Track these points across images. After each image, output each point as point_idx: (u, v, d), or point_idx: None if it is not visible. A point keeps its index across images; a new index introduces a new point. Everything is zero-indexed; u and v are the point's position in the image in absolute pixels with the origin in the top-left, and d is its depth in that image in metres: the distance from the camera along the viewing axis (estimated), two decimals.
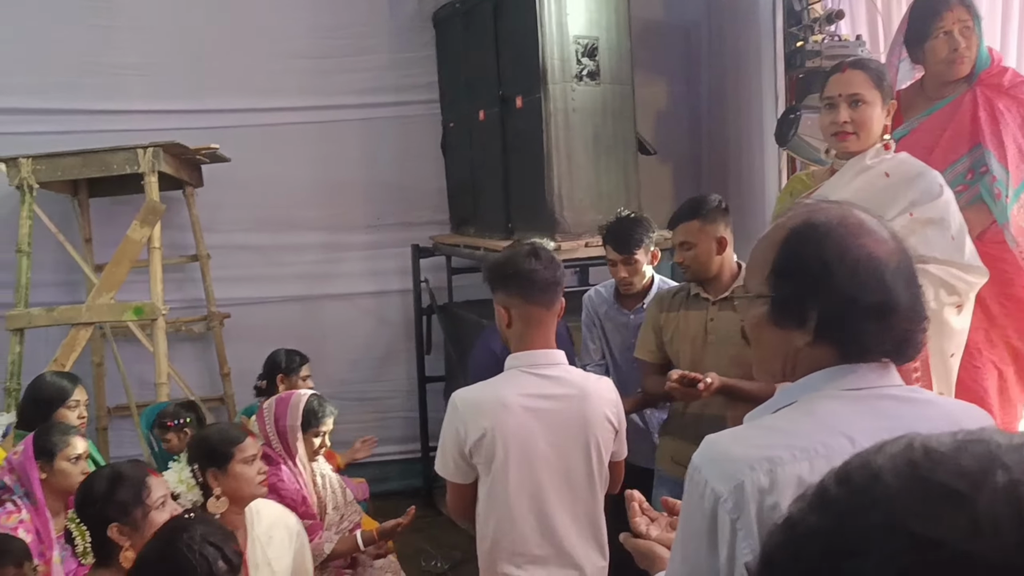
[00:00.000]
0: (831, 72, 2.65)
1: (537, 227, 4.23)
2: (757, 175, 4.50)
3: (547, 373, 2.27)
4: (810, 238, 1.23)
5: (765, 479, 1.13)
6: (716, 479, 1.16)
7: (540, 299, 2.27)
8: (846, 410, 1.20)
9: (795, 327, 1.24)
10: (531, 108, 4.18)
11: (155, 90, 5.23)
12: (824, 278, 1.20)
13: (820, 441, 1.15)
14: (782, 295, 1.25)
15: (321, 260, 5.54)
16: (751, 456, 1.16)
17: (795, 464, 1.14)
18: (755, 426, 1.24)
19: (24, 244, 4.51)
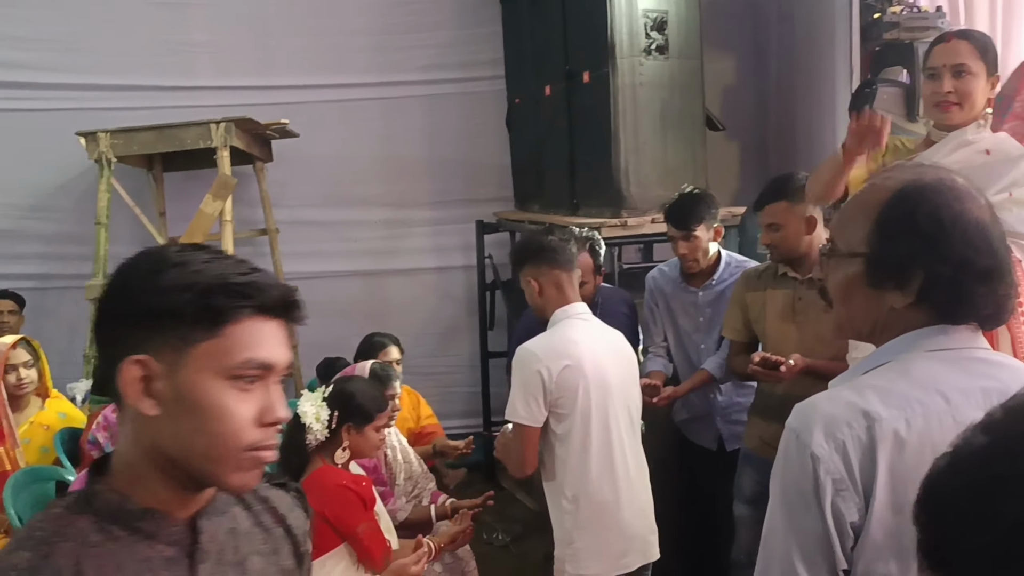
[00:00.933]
0: (935, 42, 2.55)
1: (602, 203, 4.21)
2: (828, 151, 4.39)
3: (589, 319, 2.68)
4: (921, 198, 1.22)
5: (864, 435, 1.15)
6: (815, 441, 1.16)
7: (562, 263, 2.64)
8: (941, 369, 1.20)
9: (895, 288, 1.23)
10: (598, 83, 4.15)
11: (225, 67, 5.34)
12: (937, 239, 1.20)
13: (916, 398, 1.16)
14: (885, 255, 1.23)
15: (386, 236, 5.61)
16: (848, 414, 1.16)
17: (892, 420, 1.15)
18: (848, 386, 1.24)
19: (103, 216, 4.65)
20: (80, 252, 5.01)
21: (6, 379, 3.18)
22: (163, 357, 0.97)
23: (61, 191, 5.35)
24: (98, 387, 3.31)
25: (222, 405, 0.98)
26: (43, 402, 3.38)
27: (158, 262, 1.00)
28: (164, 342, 0.97)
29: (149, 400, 0.97)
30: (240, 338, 0.99)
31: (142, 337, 0.97)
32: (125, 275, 1.01)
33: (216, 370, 0.98)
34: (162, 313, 0.96)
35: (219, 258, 1.03)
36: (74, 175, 5.26)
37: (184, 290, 0.96)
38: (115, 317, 1.00)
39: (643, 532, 2.65)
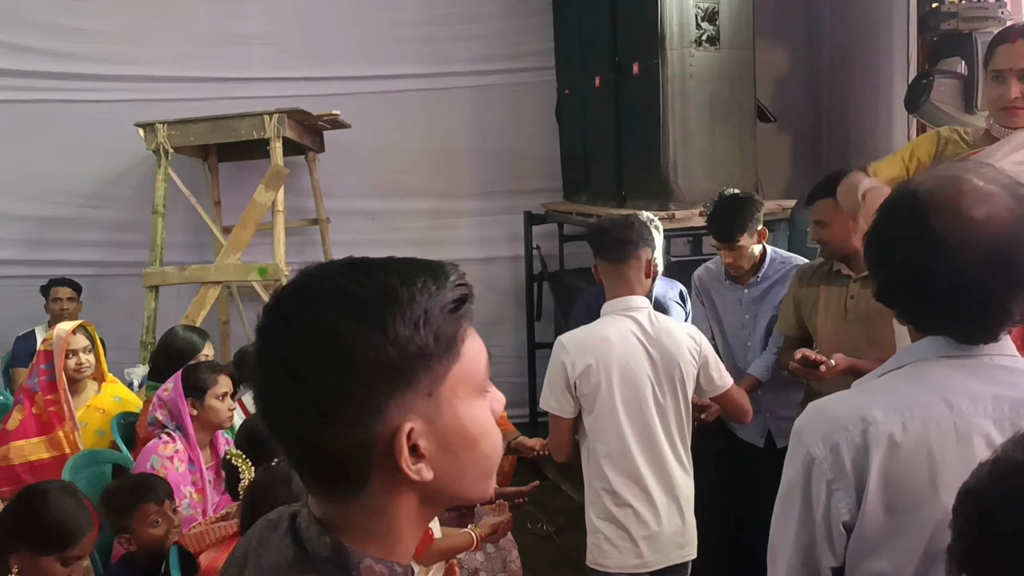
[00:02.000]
0: (997, 41, 2.42)
1: (650, 195, 4.20)
2: (883, 144, 4.32)
3: (636, 316, 2.60)
4: (903, 212, 1.24)
5: (859, 438, 1.17)
6: (813, 441, 1.21)
7: (609, 256, 2.63)
8: (953, 375, 1.21)
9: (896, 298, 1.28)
10: (647, 74, 4.13)
11: (278, 58, 5.42)
12: (911, 251, 1.21)
13: (919, 403, 1.18)
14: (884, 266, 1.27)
15: (433, 226, 5.65)
16: (846, 417, 1.20)
17: (888, 424, 1.17)
18: (858, 389, 1.28)
19: (160, 206, 4.77)
20: (137, 239, 5.14)
21: (66, 363, 3.29)
22: (419, 409, 0.82)
23: (119, 180, 5.49)
24: (155, 372, 3.40)
25: (486, 424, 0.88)
26: (99, 386, 3.48)
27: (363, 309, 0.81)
28: (416, 395, 0.82)
29: (420, 464, 0.83)
30: (472, 348, 0.89)
31: (389, 402, 0.80)
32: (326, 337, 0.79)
33: (469, 391, 0.87)
34: (405, 364, 0.80)
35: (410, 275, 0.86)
36: (132, 164, 5.39)
37: (418, 329, 0.81)
38: (360, 384, 0.79)
39: (670, 534, 2.61)
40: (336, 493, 0.84)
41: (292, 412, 0.81)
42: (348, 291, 0.82)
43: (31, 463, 3.19)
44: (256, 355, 0.83)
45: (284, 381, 0.80)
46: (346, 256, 0.89)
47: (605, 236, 2.67)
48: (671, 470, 2.61)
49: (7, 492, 3.07)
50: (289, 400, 0.81)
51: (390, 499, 0.84)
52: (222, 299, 5.38)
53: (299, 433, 0.82)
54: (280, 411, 0.82)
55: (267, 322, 0.83)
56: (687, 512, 2.65)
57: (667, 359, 2.59)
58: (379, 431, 0.80)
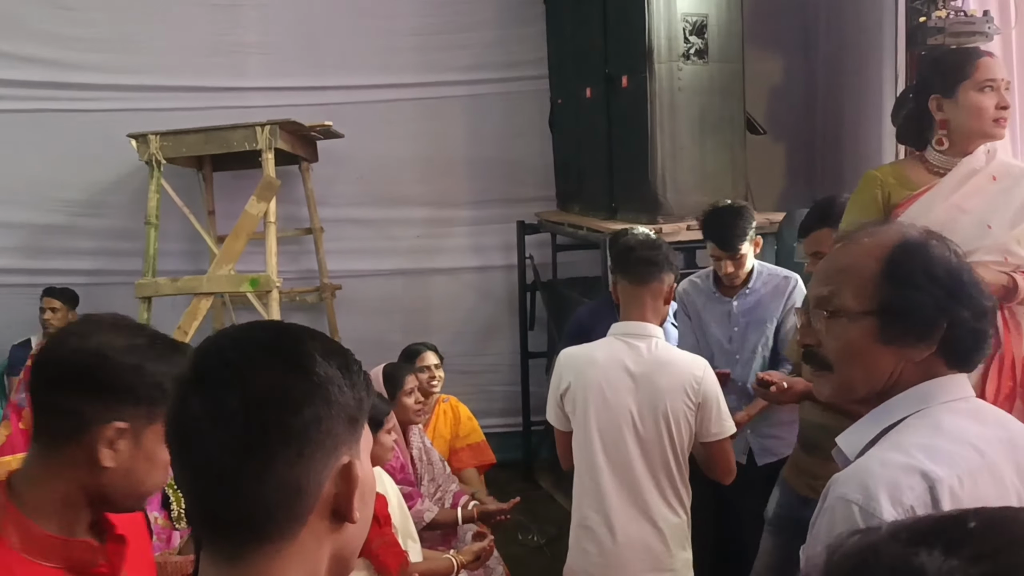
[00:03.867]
0: (975, 56, 2.44)
1: (639, 208, 4.20)
2: (874, 157, 4.31)
3: (635, 343, 2.52)
4: (926, 250, 1.24)
5: (927, 496, 1.14)
6: (884, 509, 1.14)
7: (632, 276, 2.54)
8: (963, 422, 1.21)
9: (915, 341, 1.23)
10: (636, 87, 4.13)
11: (274, 68, 5.43)
12: (954, 287, 1.21)
13: (958, 454, 1.17)
14: (905, 308, 1.22)
15: (427, 235, 5.66)
16: (907, 478, 1.16)
17: (948, 479, 1.15)
18: (891, 448, 1.22)
19: (152, 217, 4.78)
20: (133, 248, 5.16)
21: None
22: (354, 454, 0.92)
23: (115, 188, 5.52)
24: None
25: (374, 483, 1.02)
26: None
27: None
28: (354, 439, 0.91)
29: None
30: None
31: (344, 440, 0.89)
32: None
33: (368, 449, 0.96)
34: (356, 407, 0.91)
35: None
36: (127, 172, 5.41)
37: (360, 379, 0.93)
38: (331, 421, 0.86)
39: (639, 567, 2.53)
40: (257, 548, 0.83)
41: (268, 447, 0.81)
42: (312, 338, 0.89)
43: None
44: (218, 390, 0.83)
45: (262, 415, 0.81)
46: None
47: (631, 254, 2.58)
48: (649, 504, 2.52)
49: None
50: (263, 434, 0.81)
51: (311, 552, 0.85)
52: (217, 308, 5.40)
53: (264, 472, 0.81)
54: (249, 449, 0.81)
55: (234, 357, 0.85)
56: (673, 549, 2.55)
57: (653, 393, 2.49)
58: (332, 466, 0.85)
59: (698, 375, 2.52)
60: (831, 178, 4.89)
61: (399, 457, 3.31)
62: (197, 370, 0.85)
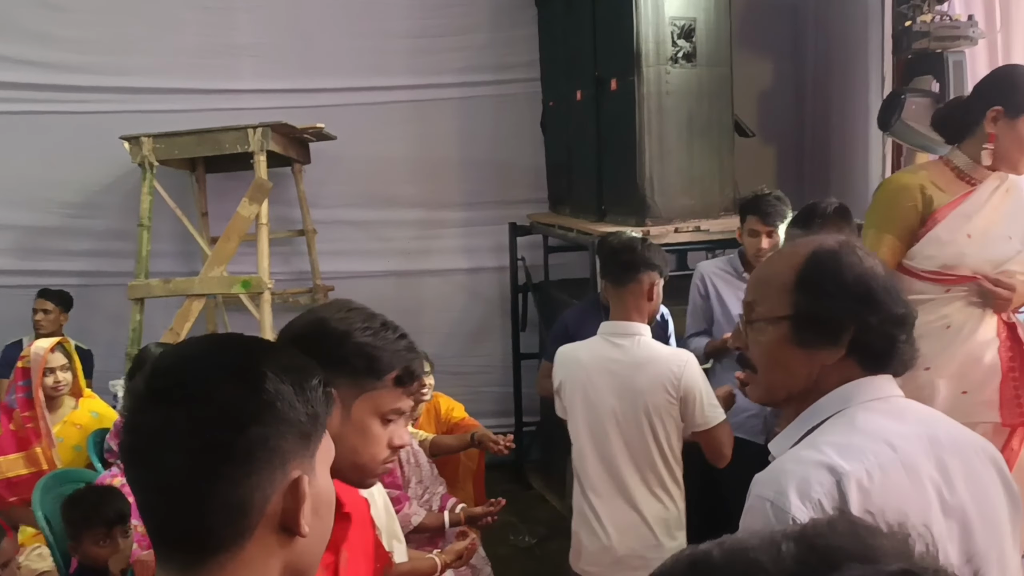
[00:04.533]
0: None
1: (628, 211, 4.23)
2: (860, 161, 4.34)
3: (618, 342, 2.65)
4: (836, 257, 1.30)
5: (835, 490, 1.18)
6: (793, 505, 1.18)
7: (611, 278, 2.70)
8: (880, 419, 1.26)
9: (825, 344, 1.29)
10: (625, 91, 4.16)
11: (266, 70, 5.45)
12: (862, 292, 1.27)
13: (869, 449, 1.22)
14: (813, 313, 1.29)
15: (419, 236, 5.69)
16: (816, 473, 1.20)
17: (855, 472, 1.19)
18: (806, 446, 1.28)
19: (145, 219, 4.81)
20: (127, 249, 5.16)
21: (44, 382, 3.34)
22: (306, 467, 0.93)
23: (109, 189, 5.54)
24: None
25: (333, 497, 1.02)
26: (76, 401, 3.54)
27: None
28: (307, 453, 0.93)
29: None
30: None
31: (294, 456, 0.91)
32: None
33: (327, 462, 0.98)
34: (308, 423, 0.92)
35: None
36: (121, 174, 5.43)
37: (316, 394, 0.94)
38: (279, 438, 0.88)
39: (627, 554, 2.62)
40: (206, 558, 0.84)
41: (215, 464, 0.83)
42: (266, 353, 0.91)
43: (9, 479, 3.25)
44: (168, 406, 0.85)
45: (210, 433, 0.83)
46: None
47: (610, 259, 2.74)
48: (636, 497, 2.62)
49: None
50: (211, 452, 0.83)
51: (260, 564, 0.86)
52: (209, 309, 5.42)
53: (214, 488, 0.83)
54: (197, 466, 0.83)
55: (172, 383, 0.86)
56: (662, 539, 2.62)
57: (633, 390, 2.60)
58: (280, 481, 0.86)
59: (677, 371, 2.58)
60: (819, 181, 4.92)
61: None
62: (150, 385, 0.87)
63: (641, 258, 2.66)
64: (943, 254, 2.40)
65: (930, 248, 2.41)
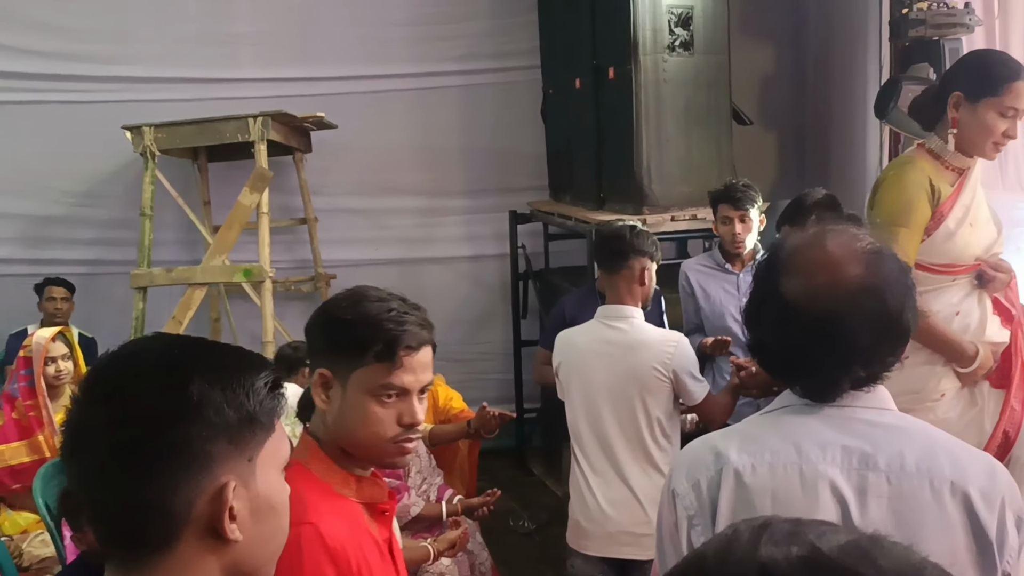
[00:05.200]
0: (1011, 77, 2.32)
1: (625, 199, 4.23)
2: (859, 148, 4.34)
3: (613, 324, 2.77)
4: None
5: (715, 474, 1.24)
6: (679, 479, 1.28)
7: (603, 265, 2.84)
8: (810, 422, 1.25)
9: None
10: (622, 79, 4.15)
11: (267, 58, 5.47)
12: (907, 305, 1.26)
13: (771, 447, 1.24)
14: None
15: (421, 224, 5.71)
16: (706, 456, 1.27)
17: (738, 463, 1.23)
18: (723, 431, 1.35)
19: (147, 208, 4.84)
20: (130, 238, 5.20)
21: (45, 371, 3.38)
22: (239, 471, 0.92)
23: (112, 178, 5.57)
24: None
25: (286, 499, 0.99)
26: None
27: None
28: (240, 456, 0.91)
29: (234, 525, 0.92)
30: (282, 427, 1.01)
31: (219, 460, 0.89)
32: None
33: (278, 464, 0.97)
34: (238, 426, 0.90)
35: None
36: (124, 163, 5.46)
37: (249, 397, 0.92)
38: (202, 440, 0.87)
39: (617, 529, 2.72)
40: (140, 557, 0.86)
41: (135, 461, 0.83)
42: (195, 353, 0.91)
43: (12, 467, 3.29)
44: (93, 404, 0.86)
45: (131, 431, 0.83)
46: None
47: (601, 247, 2.87)
48: (626, 472, 2.74)
49: None
50: (132, 450, 0.83)
51: (196, 564, 0.86)
52: (212, 297, 5.46)
53: (135, 485, 0.84)
54: (120, 462, 0.84)
55: (108, 377, 0.88)
56: (651, 511, 2.65)
57: (627, 371, 2.73)
58: (205, 486, 0.85)
59: (669, 350, 2.72)
60: (818, 169, 4.92)
61: None
62: (86, 382, 0.89)
63: (630, 245, 2.77)
64: (954, 246, 2.42)
65: (943, 242, 2.42)
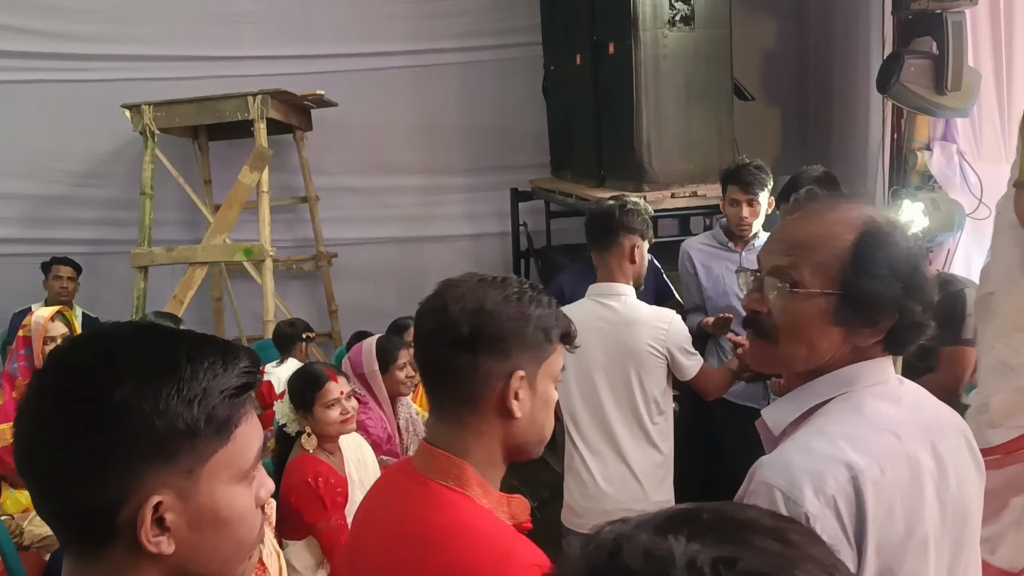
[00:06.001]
0: None
1: (626, 176, 4.21)
2: (861, 123, 4.29)
3: (606, 302, 2.74)
4: (890, 239, 1.23)
5: (849, 487, 1.14)
6: (807, 499, 1.14)
7: (592, 243, 2.79)
8: (883, 406, 1.22)
9: (865, 327, 1.23)
10: (622, 55, 4.12)
11: (266, 37, 5.45)
12: (913, 282, 1.22)
13: (878, 442, 1.18)
14: (863, 295, 1.22)
15: (422, 202, 5.71)
16: (831, 468, 1.16)
17: (870, 469, 1.15)
18: (815, 435, 1.22)
19: (147, 187, 4.84)
20: (132, 217, 5.21)
21: (44, 350, 3.38)
22: (174, 484, 0.84)
23: (113, 158, 5.58)
24: None
25: (243, 509, 0.90)
26: None
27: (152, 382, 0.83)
28: (174, 469, 0.83)
29: (162, 538, 0.84)
30: (245, 434, 0.90)
31: (145, 472, 0.82)
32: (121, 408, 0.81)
33: (232, 475, 0.88)
34: (170, 438, 0.82)
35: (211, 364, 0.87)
36: (125, 142, 5.46)
37: (191, 406, 0.83)
38: (124, 450, 0.81)
39: (615, 506, 2.69)
40: (82, 552, 0.85)
41: (54, 462, 0.81)
42: (133, 356, 0.84)
43: (12, 447, 3.30)
44: (32, 400, 0.84)
45: (51, 432, 0.81)
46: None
47: (591, 226, 2.81)
48: (622, 447, 2.73)
49: None
50: (52, 450, 0.81)
51: (130, 567, 0.84)
52: (214, 275, 5.48)
53: (56, 484, 0.82)
54: (42, 460, 0.82)
55: (48, 370, 0.85)
56: (648, 487, 2.72)
57: (622, 348, 2.70)
58: (129, 497, 0.81)
59: (663, 327, 2.71)
60: (820, 143, 4.88)
61: (386, 428, 3.38)
62: (40, 369, 0.87)
63: (620, 223, 2.75)
64: None
65: None
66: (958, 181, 3.88)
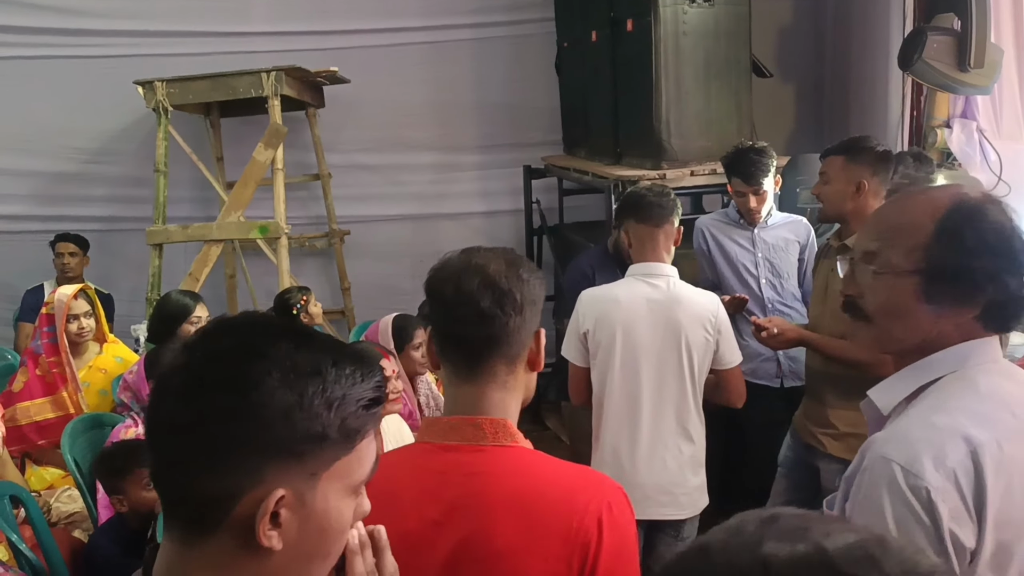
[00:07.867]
0: None
1: (644, 154, 4.19)
2: (880, 100, 4.28)
3: (654, 282, 2.71)
4: (982, 214, 1.23)
5: (969, 460, 1.15)
6: (928, 471, 1.15)
7: (645, 218, 2.71)
8: (1000, 383, 1.23)
9: (958, 304, 1.23)
10: (641, 31, 4.09)
11: (279, 12, 5.41)
12: (1006, 255, 1.22)
13: (996, 418, 1.19)
14: (953, 271, 1.22)
15: (435, 180, 5.68)
16: (951, 442, 1.17)
17: (989, 443, 1.16)
18: (933, 409, 1.23)
19: (161, 164, 4.82)
20: (145, 194, 5.20)
21: (68, 328, 3.40)
22: (296, 483, 0.84)
23: (125, 135, 5.55)
24: (151, 336, 3.50)
25: (345, 523, 0.90)
26: (100, 347, 3.60)
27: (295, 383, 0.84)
28: (300, 469, 0.84)
29: (274, 532, 0.83)
30: (367, 448, 0.90)
31: (274, 466, 0.83)
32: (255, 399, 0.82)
33: (346, 487, 0.89)
34: (305, 437, 0.84)
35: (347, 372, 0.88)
36: (137, 119, 5.44)
37: (329, 410, 0.84)
38: (258, 442, 0.82)
39: (654, 490, 2.70)
40: (185, 536, 0.85)
41: (186, 444, 0.82)
42: (283, 352, 0.84)
43: (37, 423, 3.32)
44: (173, 380, 0.85)
45: (189, 414, 0.82)
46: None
47: (643, 199, 2.75)
48: (663, 433, 2.71)
49: (16, 452, 3.23)
50: (187, 432, 0.82)
51: (231, 558, 0.84)
52: (228, 253, 5.47)
53: (183, 466, 0.83)
54: (174, 440, 0.83)
55: (194, 351, 0.86)
56: (686, 474, 2.72)
57: (673, 327, 2.68)
58: (251, 489, 0.82)
59: (713, 310, 2.71)
60: (838, 122, 4.86)
61: (407, 404, 3.39)
62: (189, 341, 0.88)
63: (672, 203, 2.75)
64: None
65: None
66: (978, 159, 3.87)
